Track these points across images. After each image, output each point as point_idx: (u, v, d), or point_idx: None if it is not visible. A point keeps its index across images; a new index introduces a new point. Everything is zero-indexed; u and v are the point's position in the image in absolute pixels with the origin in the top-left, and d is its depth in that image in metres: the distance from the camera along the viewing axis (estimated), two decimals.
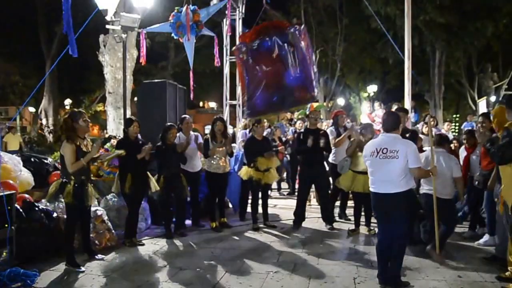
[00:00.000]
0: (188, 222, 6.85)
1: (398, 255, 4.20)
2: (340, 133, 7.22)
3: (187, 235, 6.25)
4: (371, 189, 4.33)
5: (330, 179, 7.32)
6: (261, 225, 6.79)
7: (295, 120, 10.56)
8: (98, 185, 6.40)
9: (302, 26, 5.48)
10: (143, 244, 5.81)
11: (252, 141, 6.93)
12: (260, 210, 6.94)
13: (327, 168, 7.43)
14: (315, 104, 7.91)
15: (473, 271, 4.67)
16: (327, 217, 6.78)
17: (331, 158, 7.35)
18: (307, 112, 6.53)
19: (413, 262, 4.91)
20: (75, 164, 4.81)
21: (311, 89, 5.51)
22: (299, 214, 6.82)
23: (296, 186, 8.54)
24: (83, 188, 4.94)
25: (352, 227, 6.44)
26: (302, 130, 7.34)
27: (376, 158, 4.20)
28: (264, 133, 7.64)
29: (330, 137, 7.09)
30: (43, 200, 5.52)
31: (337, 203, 7.38)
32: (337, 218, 7.14)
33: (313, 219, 7.11)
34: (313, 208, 7.74)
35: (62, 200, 5.03)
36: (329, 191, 7.21)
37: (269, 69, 5.21)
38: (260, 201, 6.93)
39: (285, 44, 5.16)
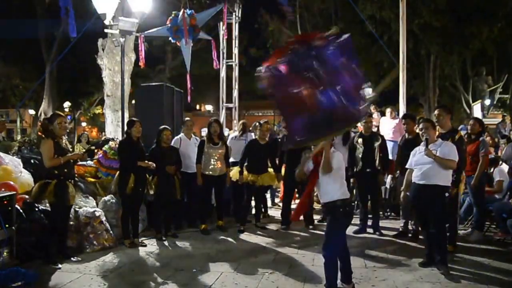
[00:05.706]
0: None
1: None
2: None
3: (177, 236, 6.29)
4: None
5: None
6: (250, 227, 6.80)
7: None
8: (88, 186, 6.46)
9: (346, 36, 4.09)
10: (145, 245, 5.86)
11: (253, 144, 6.75)
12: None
13: None
14: None
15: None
16: (308, 219, 6.89)
17: None
18: None
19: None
20: (53, 160, 4.82)
21: (359, 103, 4.05)
22: (286, 215, 6.96)
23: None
24: (65, 187, 4.93)
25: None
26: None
27: None
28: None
29: None
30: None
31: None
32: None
33: None
34: None
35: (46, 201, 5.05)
36: None
37: (299, 90, 4.23)
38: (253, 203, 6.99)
39: (314, 61, 4.21)
